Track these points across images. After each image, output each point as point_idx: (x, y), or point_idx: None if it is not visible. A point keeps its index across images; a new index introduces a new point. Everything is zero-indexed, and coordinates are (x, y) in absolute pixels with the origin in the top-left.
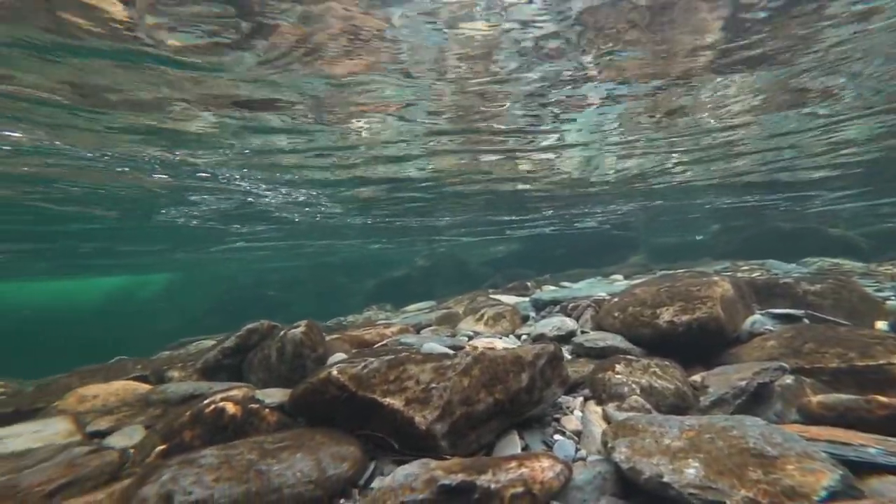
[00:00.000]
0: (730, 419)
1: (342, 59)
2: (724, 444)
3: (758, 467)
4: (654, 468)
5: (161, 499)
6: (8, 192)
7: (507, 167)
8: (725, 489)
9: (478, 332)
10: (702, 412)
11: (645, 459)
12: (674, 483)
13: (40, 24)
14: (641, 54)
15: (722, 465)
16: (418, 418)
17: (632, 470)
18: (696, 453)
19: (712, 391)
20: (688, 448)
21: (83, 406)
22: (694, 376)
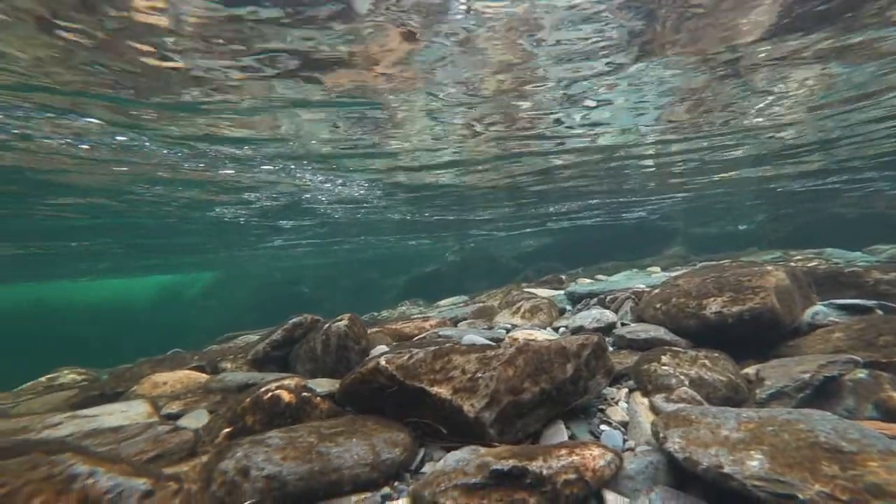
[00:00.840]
0: (793, 412)
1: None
2: (791, 438)
3: (833, 462)
4: (712, 458)
5: (238, 472)
6: (100, 198)
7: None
8: (796, 483)
9: (515, 324)
10: (759, 405)
11: (701, 450)
12: (735, 474)
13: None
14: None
15: (790, 459)
16: (467, 406)
17: (687, 460)
18: (759, 445)
19: (770, 384)
20: (748, 440)
21: (156, 391)
22: (747, 369)
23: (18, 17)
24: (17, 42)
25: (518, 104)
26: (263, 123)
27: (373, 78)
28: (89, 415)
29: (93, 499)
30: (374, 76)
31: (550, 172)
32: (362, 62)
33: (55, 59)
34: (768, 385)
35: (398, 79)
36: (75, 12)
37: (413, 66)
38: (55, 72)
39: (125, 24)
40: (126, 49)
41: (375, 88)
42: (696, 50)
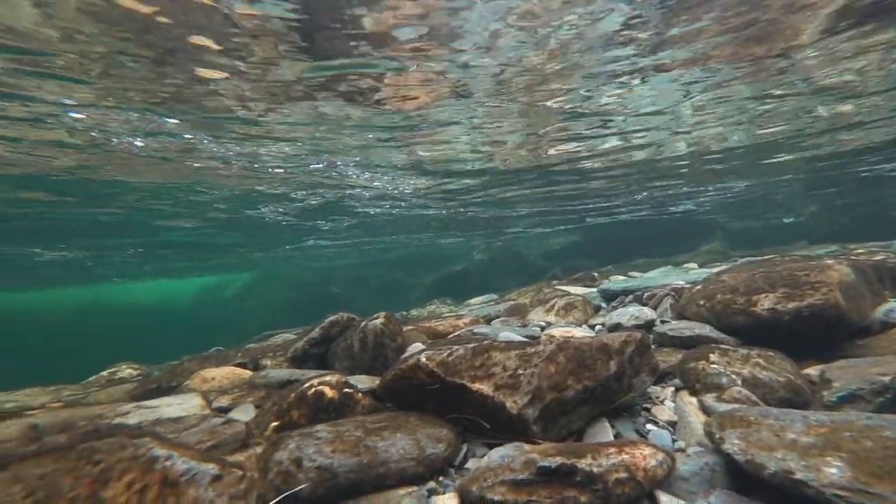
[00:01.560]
0: (874, 418)
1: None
2: (876, 446)
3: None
4: (779, 463)
5: (293, 462)
6: (160, 204)
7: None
8: (888, 495)
9: (550, 322)
10: (827, 408)
11: (765, 453)
12: (810, 481)
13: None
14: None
15: (876, 468)
16: (509, 403)
17: (750, 463)
18: (836, 451)
19: (839, 386)
20: (821, 445)
21: (206, 386)
22: (808, 370)
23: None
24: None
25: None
26: (313, 126)
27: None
28: (151, 406)
29: (172, 479)
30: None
31: (589, 166)
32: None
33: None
34: (837, 387)
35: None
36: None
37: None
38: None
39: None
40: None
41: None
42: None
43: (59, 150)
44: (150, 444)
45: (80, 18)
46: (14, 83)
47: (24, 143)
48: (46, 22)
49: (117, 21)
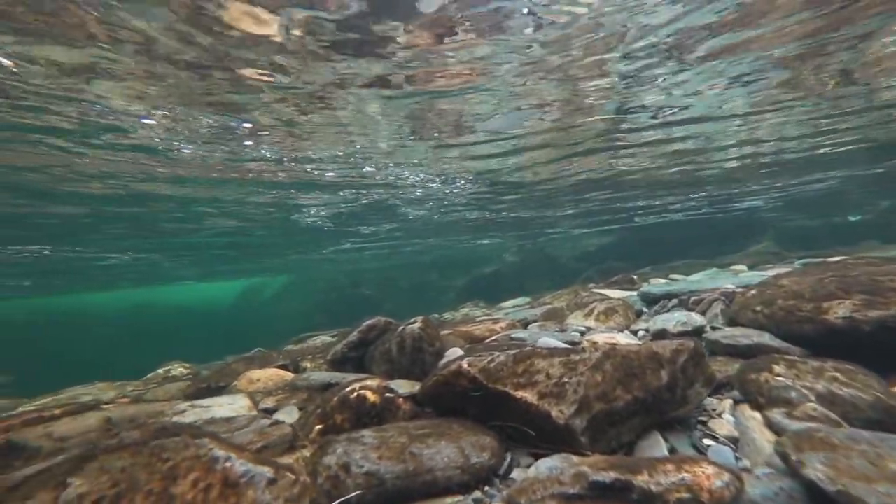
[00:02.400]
0: None
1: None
2: None
3: None
4: (884, 499)
5: (341, 468)
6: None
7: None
8: None
9: (589, 327)
10: None
11: (862, 485)
12: None
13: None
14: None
15: None
16: (555, 412)
17: (844, 495)
18: None
19: None
20: None
21: (252, 387)
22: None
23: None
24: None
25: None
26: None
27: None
28: (204, 405)
29: (232, 480)
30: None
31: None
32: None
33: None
34: None
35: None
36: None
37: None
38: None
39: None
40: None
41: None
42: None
43: (133, 164)
44: (210, 445)
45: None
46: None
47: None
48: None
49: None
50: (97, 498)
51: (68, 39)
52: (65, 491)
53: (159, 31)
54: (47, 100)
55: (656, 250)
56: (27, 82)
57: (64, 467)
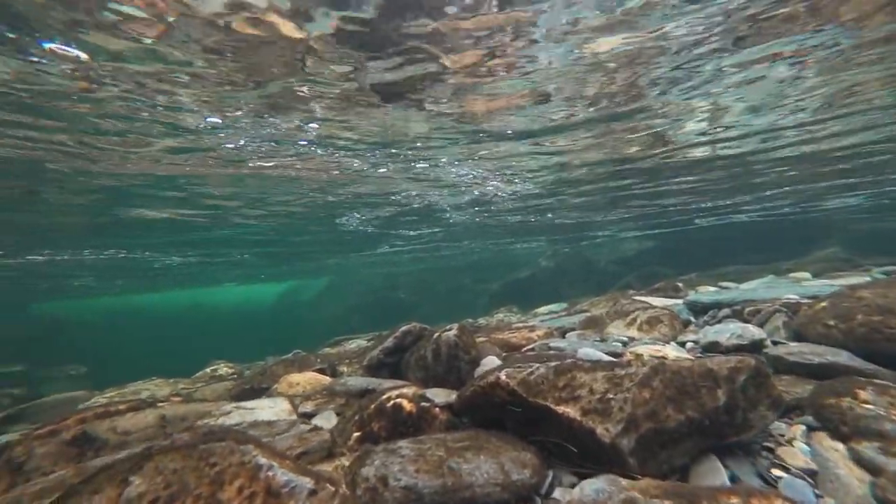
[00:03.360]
0: None
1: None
2: None
3: None
4: None
5: (379, 480)
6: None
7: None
8: None
9: (632, 337)
10: None
11: None
12: None
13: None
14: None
15: None
16: (600, 430)
17: None
18: None
19: None
20: None
21: (292, 390)
22: None
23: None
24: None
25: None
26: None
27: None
28: (248, 407)
29: (274, 489)
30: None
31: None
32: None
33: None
34: None
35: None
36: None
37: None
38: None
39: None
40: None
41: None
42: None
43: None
44: (254, 452)
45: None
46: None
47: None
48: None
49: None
50: (153, 498)
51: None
52: (127, 489)
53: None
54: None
55: (702, 255)
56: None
57: (126, 465)
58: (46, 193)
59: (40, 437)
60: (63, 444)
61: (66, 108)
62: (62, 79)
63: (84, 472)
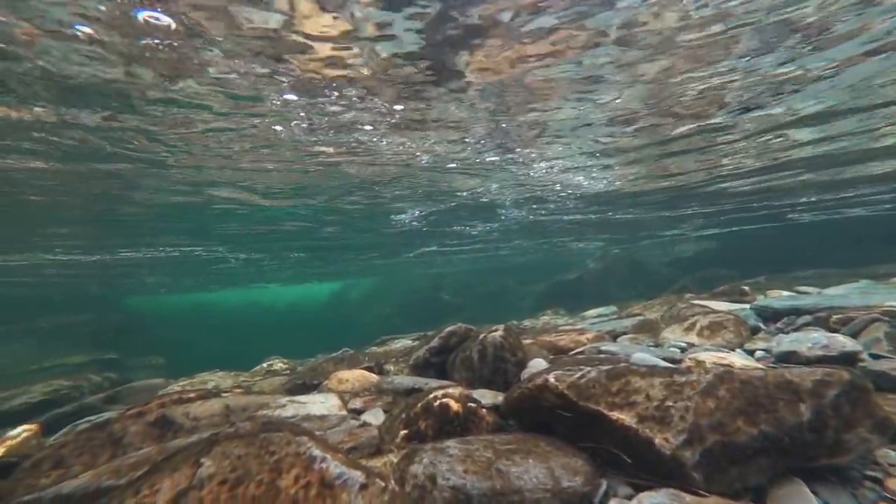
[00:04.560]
0: None
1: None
2: None
3: None
4: None
5: (428, 478)
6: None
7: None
8: None
9: (691, 343)
10: None
11: None
12: None
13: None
14: None
15: None
16: (658, 440)
17: None
18: None
19: None
20: None
21: (341, 387)
22: None
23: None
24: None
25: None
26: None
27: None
28: (301, 401)
29: (328, 480)
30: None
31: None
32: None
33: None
34: None
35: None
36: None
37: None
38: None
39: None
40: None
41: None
42: None
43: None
44: (308, 444)
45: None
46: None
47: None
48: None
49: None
50: (222, 479)
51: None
52: (199, 469)
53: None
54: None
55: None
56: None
57: (198, 447)
58: (137, 194)
59: (131, 416)
60: (148, 424)
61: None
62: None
63: (165, 451)
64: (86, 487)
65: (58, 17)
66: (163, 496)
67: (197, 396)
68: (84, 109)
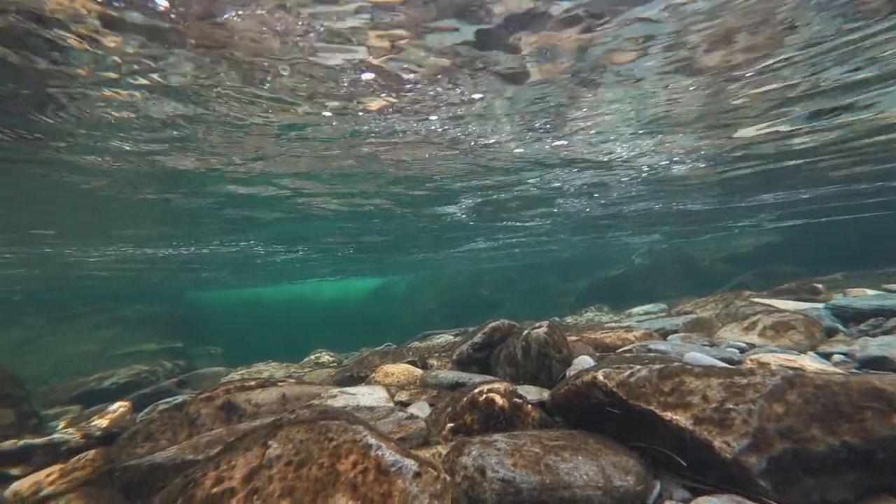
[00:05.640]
0: None
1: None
2: None
3: None
4: None
5: (477, 470)
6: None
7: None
8: None
9: (752, 343)
10: None
11: None
12: None
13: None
14: None
15: None
16: (718, 443)
17: None
18: None
19: None
20: None
21: (387, 380)
22: None
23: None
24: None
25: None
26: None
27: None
28: (351, 392)
29: (384, 467)
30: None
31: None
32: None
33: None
34: None
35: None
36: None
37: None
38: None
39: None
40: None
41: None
42: None
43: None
44: (363, 432)
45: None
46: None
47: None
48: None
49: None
50: (288, 461)
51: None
52: (268, 450)
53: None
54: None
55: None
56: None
57: (265, 431)
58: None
59: (202, 400)
60: (216, 408)
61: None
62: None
63: (234, 432)
64: (173, 459)
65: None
66: (239, 472)
67: (256, 385)
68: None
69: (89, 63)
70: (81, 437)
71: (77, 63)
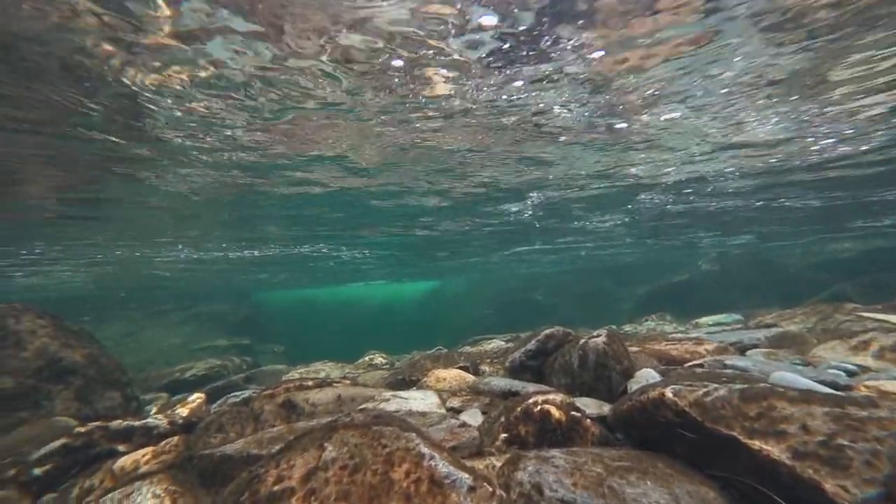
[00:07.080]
0: None
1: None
2: None
3: None
4: None
5: (533, 487)
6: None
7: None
8: None
9: (864, 366)
10: None
11: None
12: None
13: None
14: None
15: None
16: (831, 487)
17: None
18: None
19: None
20: None
21: (439, 385)
22: None
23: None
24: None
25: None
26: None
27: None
28: (403, 396)
29: (437, 479)
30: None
31: None
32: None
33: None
34: None
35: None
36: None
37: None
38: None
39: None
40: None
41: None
42: None
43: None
44: (416, 440)
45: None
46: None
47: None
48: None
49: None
50: (343, 464)
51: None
52: (324, 452)
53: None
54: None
55: None
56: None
57: (320, 432)
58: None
59: (265, 397)
60: (278, 405)
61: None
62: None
63: (293, 431)
64: (240, 452)
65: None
66: (297, 471)
67: (314, 384)
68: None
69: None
70: (168, 423)
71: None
